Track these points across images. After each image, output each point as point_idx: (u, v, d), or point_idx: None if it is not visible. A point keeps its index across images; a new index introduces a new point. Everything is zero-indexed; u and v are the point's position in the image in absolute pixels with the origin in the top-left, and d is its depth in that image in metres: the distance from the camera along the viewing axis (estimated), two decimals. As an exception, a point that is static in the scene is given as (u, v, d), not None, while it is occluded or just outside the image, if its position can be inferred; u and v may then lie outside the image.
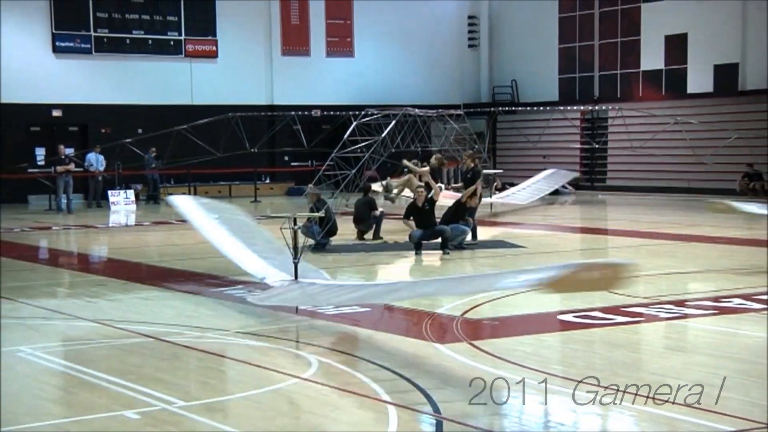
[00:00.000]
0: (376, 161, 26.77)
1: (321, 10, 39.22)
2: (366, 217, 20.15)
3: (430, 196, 18.34)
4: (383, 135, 26.77)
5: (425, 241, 17.84)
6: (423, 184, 19.32)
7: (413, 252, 17.80)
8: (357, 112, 30.20)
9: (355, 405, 8.02)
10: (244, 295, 13.50)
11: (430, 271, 16.91)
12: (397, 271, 17.33)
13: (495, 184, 28.88)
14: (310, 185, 21.41)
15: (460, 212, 18.61)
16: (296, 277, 12.08)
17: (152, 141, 31.70)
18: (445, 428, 7.21)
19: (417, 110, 30.14)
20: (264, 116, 34.96)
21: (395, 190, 25.37)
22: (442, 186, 20.69)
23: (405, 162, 23.38)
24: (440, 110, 31.12)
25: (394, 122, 27.53)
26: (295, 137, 34.58)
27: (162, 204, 32.91)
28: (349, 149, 23.79)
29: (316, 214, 17.83)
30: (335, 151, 26.65)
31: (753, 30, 33.47)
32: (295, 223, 12.88)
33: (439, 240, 17.87)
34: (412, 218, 18.27)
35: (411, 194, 20.53)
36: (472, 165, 20.30)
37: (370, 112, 28.26)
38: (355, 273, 16.48)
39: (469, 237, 18.67)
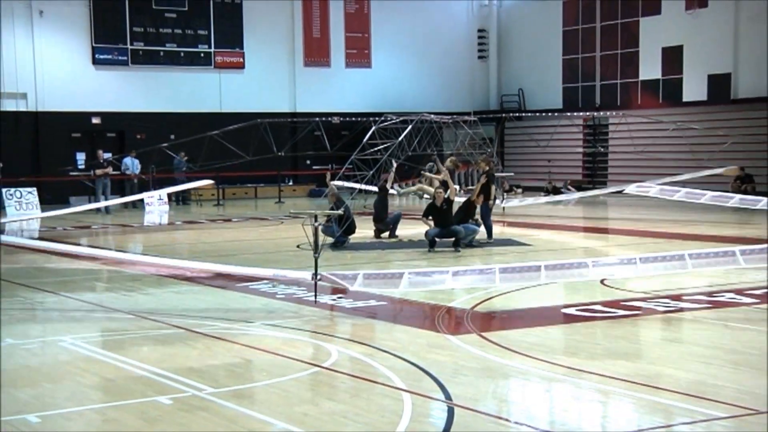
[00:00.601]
0: (393, 164, 26.86)
1: (341, 24, 39.19)
2: (383, 217, 20.14)
3: (447, 195, 18.33)
4: (400, 138, 26.83)
5: (439, 239, 17.80)
6: (441, 185, 19.28)
7: (427, 249, 17.74)
8: (376, 119, 30.27)
9: (372, 392, 8.01)
10: (267, 290, 13.57)
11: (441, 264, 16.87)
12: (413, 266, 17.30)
13: (503, 185, 28.80)
14: (328, 179, 21.32)
15: (471, 211, 18.62)
16: (316, 271, 12.05)
17: (184, 146, 31.73)
18: (456, 414, 7.20)
19: (433, 116, 30.17)
20: (288, 123, 34.97)
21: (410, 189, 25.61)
22: (457, 187, 20.63)
23: (425, 173, 23.44)
24: (455, 116, 31.14)
25: (410, 126, 27.58)
26: (316, 142, 34.71)
27: (192, 204, 33.03)
28: (368, 152, 23.77)
29: (336, 212, 17.81)
30: (355, 153, 26.71)
31: (745, 42, 33.36)
32: (315, 221, 12.88)
33: (452, 239, 17.83)
34: (430, 217, 18.26)
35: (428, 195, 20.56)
36: (487, 168, 20.24)
37: (389, 118, 28.29)
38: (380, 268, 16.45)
39: (480, 236, 18.65)
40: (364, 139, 25.45)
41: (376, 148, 24.51)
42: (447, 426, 6.92)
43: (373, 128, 26.41)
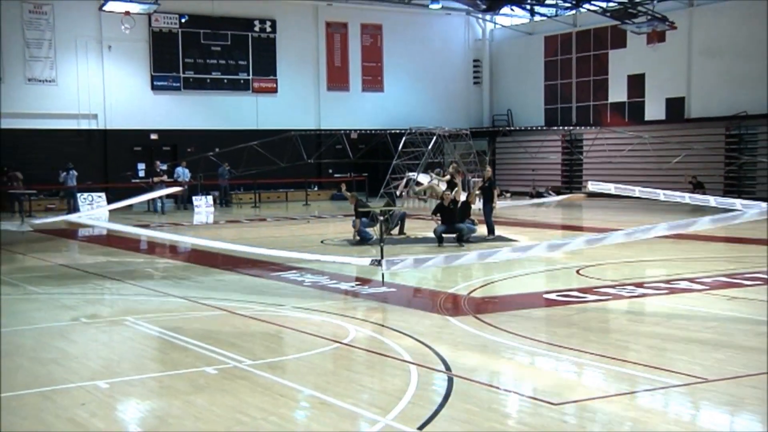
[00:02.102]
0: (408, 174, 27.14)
1: (358, 55, 39.20)
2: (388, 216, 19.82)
3: (453, 196, 18.29)
4: (429, 147, 27.23)
5: (445, 235, 17.68)
6: (448, 187, 19.22)
7: (436, 244, 17.56)
8: (388, 132, 30.46)
9: (384, 365, 8.04)
10: (296, 279, 13.58)
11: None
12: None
13: (495, 191, 28.75)
14: (343, 189, 21.37)
15: (467, 210, 18.57)
16: (382, 257, 12.01)
17: (227, 157, 31.87)
18: (455, 383, 7.20)
19: (447, 130, 30.33)
20: (314, 134, 35.10)
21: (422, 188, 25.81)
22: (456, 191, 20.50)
23: (435, 181, 23.55)
24: (465, 130, 31.47)
25: (435, 138, 27.86)
26: (337, 154, 34.86)
27: (233, 207, 33.08)
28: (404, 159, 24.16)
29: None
30: (395, 159, 27.17)
31: (696, 71, 33.38)
32: (381, 215, 14.06)
33: (454, 234, 17.74)
34: (438, 215, 18.20)
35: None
36: (489, 176, 20.20)
37: (413, 130, 28.62)
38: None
39: (480, 232, 18.59)
40: (399, 147, 26.00)
41: (408, 156, 25.03)
42: (447, 393, 6.91)
43: (404, 137, 27.10)
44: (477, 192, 20.04)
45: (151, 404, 6.94)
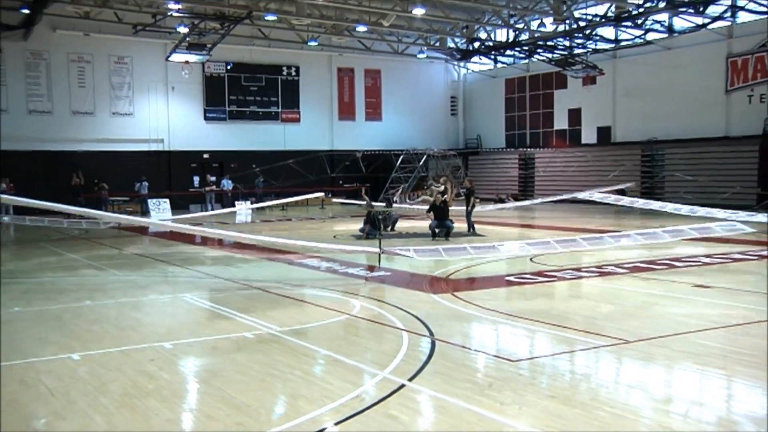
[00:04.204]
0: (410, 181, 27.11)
1: (362, 93, 39.03)
2: (386, 216, 19.71)
3: (444, 198, 18.08)
4: (419, 164, 27.20)
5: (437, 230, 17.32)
6: (442, 191, 18.97)
7: (430, 238, 17.14)
8: (383, 152, 30.40)
9: (381, 331, 8.02)
10: (314, 265, 13.57)
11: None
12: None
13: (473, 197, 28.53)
14: (363, 192, 21.29)
15: (447, 211, 18.08)
16: (380, 247, 11.98)
17: (265, 171, 31.97)
18: (437, 345, 7.19)
19: (435, 149, 30.38)
20: (329, 157, 35.05)
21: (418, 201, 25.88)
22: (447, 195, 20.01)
23: (431, 187, 23.36)
24: (453, 151, 31.59)
25: (425, 156, 27.90)
26: (346, 170, 34.82)
27: (266, 210, 33.00)
28: (400, 173, 24.18)
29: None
30: (393, 172, 27.12)
31: (618, 107, 33.34)
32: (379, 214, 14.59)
33: (443, 229, 17.37)
34: (432, 213, 17.74)
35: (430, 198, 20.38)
36: (469, 185, 20.00)
37: (411, 151, 28.68)
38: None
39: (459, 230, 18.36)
40: (397, 164, 26.03)
41: (404, 170, 25.04)
42: (430, 353, 6.91)
43: (402, 156, 27.21)
44: (458, 198, 19.82)
45: (204, 360, 6.93)
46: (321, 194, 27.14)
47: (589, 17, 29.49)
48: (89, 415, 5.31)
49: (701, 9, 25.32)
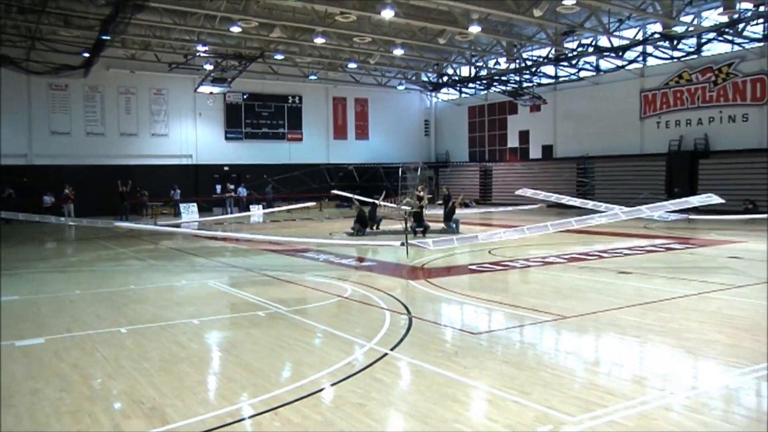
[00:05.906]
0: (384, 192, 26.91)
1: (353, 117, 38.88)
2: (374, 217, 19.63)
3: (422, 204, 18.01)
4: (401, 176, 26.90)
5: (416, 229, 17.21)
6: (422, 198, 18.94)
7: (411, 234, 16.74)
8: (370, 165, 30.15)
9: (369, 310, 8.00)
10: (313, 257, 13.50)
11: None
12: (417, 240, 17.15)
13: (439, 202, 28.42)
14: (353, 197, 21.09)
15: (422, 214, 18.05)
16: (407, 241, 11.95)
17: (271, 180, 31.80)
18: (414, 322, 7.19)
19: (422, 163, 30.24)
20: (326, 170, 34.93)
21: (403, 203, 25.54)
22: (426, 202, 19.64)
23: (414, 193, 23.10)
24: (425, 165, 31.44)
25: (419, 169, 27.69)
26: (341, 180, 34.56)
27: (274, 213, 32.77)
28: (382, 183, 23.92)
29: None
30: (384, 182, 26.80)
31: (559, 128, 33.45)
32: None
33: (422, 229, 17.27)
34: (412, 216, 17.44)
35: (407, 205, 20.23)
36: (446, 192, 19.95)
37: (403, 165, 28.50)
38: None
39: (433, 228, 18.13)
40: (399, 175, 25.96)
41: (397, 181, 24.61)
42: (408, 327, 6.91)
43: (399, 169, 27.09)
44: (438, 203, 19.63)
45: (225, 334, 6.89)
46: (313, 203, 27.16)
47: (535, 58, 30.14)
48: (135, 377, 5.32)
49: (621, 54, 26.21)
